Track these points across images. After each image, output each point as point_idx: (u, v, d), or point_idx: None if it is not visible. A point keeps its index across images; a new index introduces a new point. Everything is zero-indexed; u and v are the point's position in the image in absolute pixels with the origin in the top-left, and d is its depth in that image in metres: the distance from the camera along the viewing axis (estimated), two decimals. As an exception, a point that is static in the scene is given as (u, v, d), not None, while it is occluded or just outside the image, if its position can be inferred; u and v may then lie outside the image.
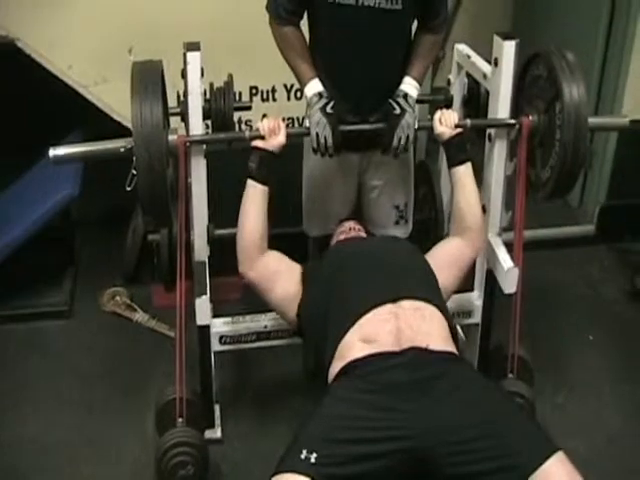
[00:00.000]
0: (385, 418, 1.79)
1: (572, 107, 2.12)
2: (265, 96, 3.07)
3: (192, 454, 2.25)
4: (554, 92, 2.16)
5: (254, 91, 3.05)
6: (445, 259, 2.26)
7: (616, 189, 3.48)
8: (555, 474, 1.70)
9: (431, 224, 2.80)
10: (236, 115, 2.46)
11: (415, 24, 2.34)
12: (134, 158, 1.97)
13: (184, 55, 2.15)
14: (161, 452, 2.24)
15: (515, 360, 2.43)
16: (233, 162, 2.23)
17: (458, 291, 2.41)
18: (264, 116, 2.15)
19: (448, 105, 2.62)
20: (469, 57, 2.60)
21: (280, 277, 2.21)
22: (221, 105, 2.31)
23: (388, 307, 2.00)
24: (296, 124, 3.01)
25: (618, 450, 2.52)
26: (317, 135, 2.23)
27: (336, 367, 1.96)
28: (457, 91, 2.68)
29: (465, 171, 2.28)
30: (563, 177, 2.22)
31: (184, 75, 2.19)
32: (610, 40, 3.30)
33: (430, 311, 2.04)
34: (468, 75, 2.63)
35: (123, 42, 2.86)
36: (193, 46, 2.16)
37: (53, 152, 2.10)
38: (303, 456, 1.73)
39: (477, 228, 2.29)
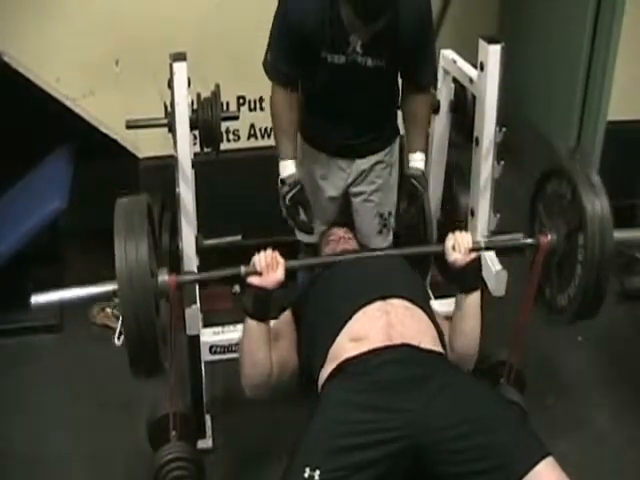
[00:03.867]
0: (381, 419, 1.78)
1: (597, 246, 1.98)
2: (253, 106, 3.07)
3: (188, 468, 2.24)
4: (578, 221, 2.02)
5: (241, 101, 3.05)
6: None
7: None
8: (545, 478, 1.69)
9: (419, 230, 2.80)
10: (224, 125, 2.47)
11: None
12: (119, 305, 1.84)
13: (170, 66, 2.15)
14: (157, 467, 2.23)
15: (510, 368, 2.42)
16: (222, 172, 2.23)
17: (447, 295, 2.41)
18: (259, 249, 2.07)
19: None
20: (455, 62, 2.61)
21: (288, 363, 2.12)
22: (208, 115, 2.30)
23: (378, 304, 2.01)
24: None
25: (607, 451, 2.53)
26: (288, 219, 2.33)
27: (327, 370, 1.95)
28: (444, 96, 2.69)
29: (473, 301, 2.09)
30: (585, 309, 2.10)
31: (171, 85, 2.19)
32: (595, 43, 3.33)
33: (419, 312, 2.04)
34: (454, 80, 2.65)
35: (110, 54, 2.86)
36: (179, 56, 2.16)
37: (35, 299, 1.95)
38: (307, 475, 1.69)
39: (470, 358, 2.16)
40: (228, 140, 3.06)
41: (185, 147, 2.21)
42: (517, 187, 2.34)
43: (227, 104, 2.96)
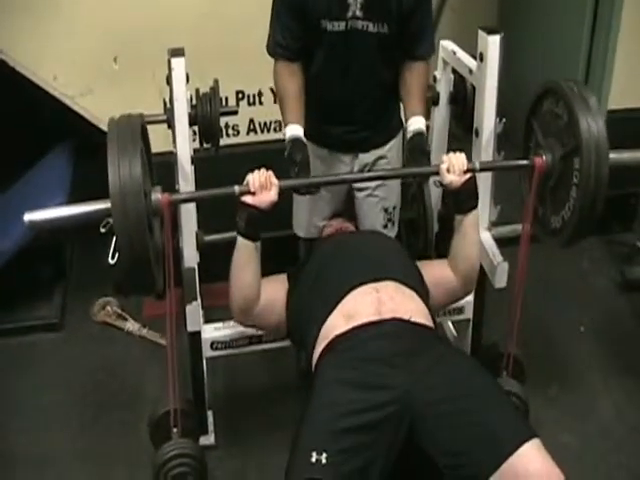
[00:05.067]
0: (375, 397, 1.78)
1: (592, 169, 1.97)
2: (252, 100, 3.07)
3: (191, 465, 2.24)
4: (573, 143, 2.02)
5: (240, 95, 3.05)
6: (434, 282, 2.23)
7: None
8: (530, 459, 1.68)
9: (420, 223, 2.80)
10: (223, 120, 2.46)
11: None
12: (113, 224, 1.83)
13: (168, 61, 2.14)
14: (159, 464, 2.23)
15: (510, 359, 2.43)
16: (221, 167, 2.22)
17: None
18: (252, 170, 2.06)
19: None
20: (454, 53, 2.60)
21: (274, 308, 2.19)
22: (207, 111, 2.29)
23: (370, 285, 2.02)
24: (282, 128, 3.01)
25: (611, 443, 2.53)
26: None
27: (319, 347, 1.96)
28: (443, 87, 2.69)
29: (471, 220, 2.16)
30: (578, 232, 2.12)
31: (169, 81, 2.18)
32: (595, 33, 3.31)
33: (410, 292, 2.05)
34: (454, 71, 2.64)
35: (108, 51, 2.85)
36: (177, 52, 2.15)
37: (28, 217, 1.94)
38: (314, 459, 1.69)
39: (471, 277, 2.24)
40: (227, 135, 3.06)
41: (184, 143, 2.21)
42: (517, 178, 2.33)
43: (226, 99, 2.96)
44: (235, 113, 2.50)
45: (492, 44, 2.27)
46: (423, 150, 2.27)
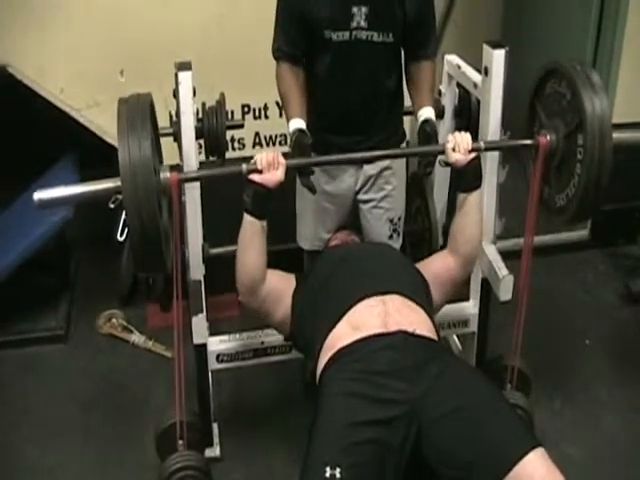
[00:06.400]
0: (383, 409, 1.78)
1: (596, 144, 1.99)
2: (257, 114, 3.08)
3: (196, 477, 2.25)
4: (577, 120, 2.04)
5: (246, 109, 3.06)
6: (436, 275, 2.25)
7: (609, 193, 3.48)
8: (535, 467, 1.68)
9: (425, 236, 2.81)
10: (229, 134, 2.47)
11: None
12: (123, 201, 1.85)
13: (175, 75, 2.15)
14: (165, 476, 2.23)
15: (515, 372, 2.44)
16: (227, 180, 2.23)
17: (453, 300, 2.41)
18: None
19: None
20: (459, 67, 2.62)
21: (281, 299, 2.20)
22: (213, 124, 2.30)
23: (377, 297, 2.03)
24: (288, 141, 3.02)
25: (616, 455, 2.52)
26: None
27: (325, 358, 1.96)
28: (448, 101, 2.70)
29: (474, 200, 2.20)
30: (584, 209, 2.13)
31: (176, 95, 2.19)
32: (598, 51, 3.32)
33: (416, 307, 2.06)
34: (459, 85, 2.66)
35: (114, 64, 2.87)
36: (184, 66, 2.16)
37: (38, 196, 1.94)
38: (328, 474, 1.68)
39: (472, 257, 2.27)
40: (233, 149, 3.07)
41: (191, 156, 2.22)
42: (522, 191, 2.34)
43: (232, 112, 2.97)
44: (241, 127, 2.51)
45: (497, 58, 2.29)
46: (431, 134, 2.28)
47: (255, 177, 2.06)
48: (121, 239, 1.93)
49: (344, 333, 1.97)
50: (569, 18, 3.47)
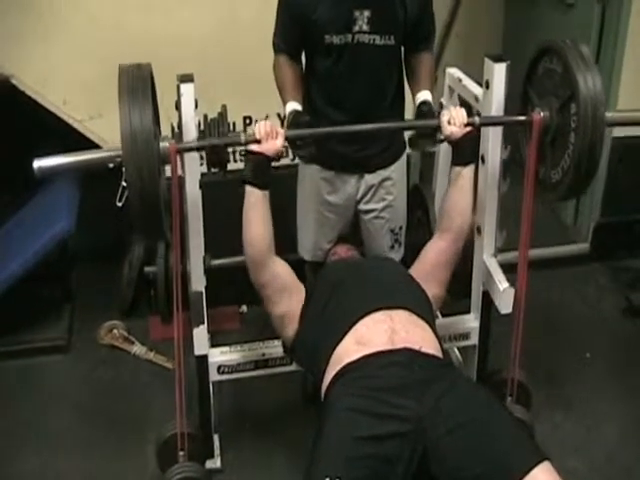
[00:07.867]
0: (388, 425, 1.78)
1: (589, 110, 1.99)
2: (259, 126, 3.09)
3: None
4: (569, 92, 2.05)
5: (248, 121, 3.07)
6: (433, 265, 2.26)
7: (610, 207, 3.50)
8: None
9: (425, 242, 2.80)
10: (230, 146, 2.48)
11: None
12: (123, 168, 1.85)
13: (178, 87, 2.16)
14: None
15: (515, 384, 2.43)
16: (229, 192, 2.24)
17: (454, 313, 2.41)
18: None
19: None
20: (460, 80, 2.63)
21: (287, 293, 2.18)
22: (215, 136, 2.31)
23: (384, 312, 2.03)
24: (289, 152, 3.03)
25: (617, 468, 2.52)
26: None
27: (331, 372, 1.96)
28: (449, 115, 2.70)
29: (467, 173, 2.22)
30: (578, 179, 2.11)
31: (178, 107, 2.20)
32: (599, 61, 3.33)
33: (422, 323, 2.06)
34: (460, 98, 2.66)
35: (117, 76, 2.87)
36: (187, 78, 2.17)
37: (37, 164, 1.93)
38: None
39: (463, 231, 2.27)
40: (235, 160, 3.07)
41: (192, 168, 2.23)
42: (523, 203, 2.35)
43: (233, 124, 2.98)
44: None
45: (498, 72, 2.30)
46: (427, 113, 2.30)
47: (254, 147, 2.10)
48: (120, 204, 1.92)
49: (351, 348, 1.97)
50: (570, 32, 3.48)
